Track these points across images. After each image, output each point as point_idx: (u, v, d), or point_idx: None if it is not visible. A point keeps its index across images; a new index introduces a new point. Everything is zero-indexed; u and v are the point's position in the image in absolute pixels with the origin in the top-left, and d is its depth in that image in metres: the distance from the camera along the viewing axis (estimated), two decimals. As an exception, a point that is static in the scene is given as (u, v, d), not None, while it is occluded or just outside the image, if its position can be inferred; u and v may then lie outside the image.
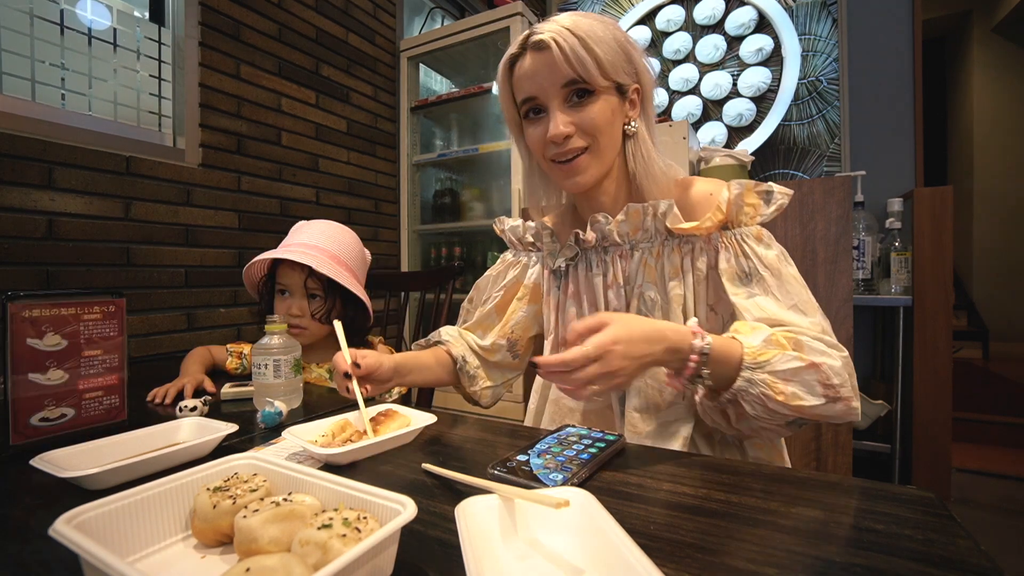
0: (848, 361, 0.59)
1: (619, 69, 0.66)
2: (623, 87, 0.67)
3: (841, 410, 0.58)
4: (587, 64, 0.63)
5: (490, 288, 0.90)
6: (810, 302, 0.64)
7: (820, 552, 0.36)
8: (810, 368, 0.56)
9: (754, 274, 0.65)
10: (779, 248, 0.68)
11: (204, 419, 0.64)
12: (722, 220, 0.68)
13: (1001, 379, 2.68)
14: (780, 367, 0.56)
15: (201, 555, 0.37)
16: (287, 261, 1.00)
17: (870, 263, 1.86)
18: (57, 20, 1.29)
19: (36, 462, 0.48)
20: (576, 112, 0.66)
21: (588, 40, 0.63)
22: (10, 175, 1.14)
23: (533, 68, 0.66)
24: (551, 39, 0.63)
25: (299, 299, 1.02)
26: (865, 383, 2.07)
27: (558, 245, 0.79)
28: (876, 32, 2.08)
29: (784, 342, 0.58)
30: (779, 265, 0.66)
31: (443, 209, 2.34)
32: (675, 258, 0.70)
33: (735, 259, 0.67)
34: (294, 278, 1.01)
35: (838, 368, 0.58)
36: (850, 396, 0.58)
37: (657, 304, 0.71)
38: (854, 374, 0.60)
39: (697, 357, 0.55)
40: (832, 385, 0.57)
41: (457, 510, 0.37)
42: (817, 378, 0.56)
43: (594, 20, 0.66)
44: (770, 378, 0.56)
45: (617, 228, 0.71)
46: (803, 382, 0.56)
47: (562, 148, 0.67)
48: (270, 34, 1.76)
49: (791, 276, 0.66)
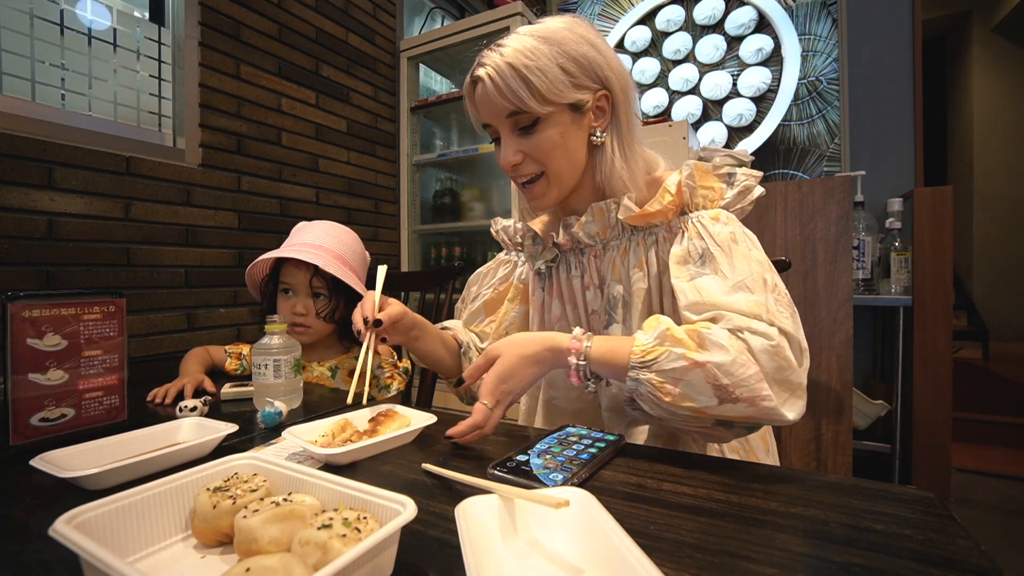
0: (771, 349, 0.53)
1: (564, 90, 0.64)
2: (578, 104, 0.66)
3: (749, 412, 0.52)
4: (521, 96, 0.63)
5: (479, 285, 0.92)
6: (758, 279, 0.59)
7: (820, 552, 0.36)
8: (693, 368, 0.52)
9: (706, 254, 0.63)
10: (739, 228, 0.65)
11: (204, 419, 0.64)
12: (676, 204, 0.66)
13: (1001, 379, 2.68)
14: (666, 367, 0.53)
15: (201, 555, 0.37)
16: (292, 261, 1.01)
17: (870, 263, 1.86)
18: (57, 20, 1.29)
19: (36, 462, 0.48)
20: (523, 140, 0.67)
21: (523, 70, 0.62)
22: (10, 175, 1.14)
23: (480, 99, 0.67)
24: (485, 74, 0.64)
25: (304, 298, 1.02)
26: (865, 383, 2.07)
27: (539, 247, 0.80)
28: (876, 32, 2.08)
29: (683, 336, 0.54)
30: (730, 242, 0.63)
31: (443, 209, 2.34)
32: (640, 251, 0.70)
33: (688, 242, 0.65)
34: (299, 277, 1.02)
35: (727, 365, 0.52)
36: (752, 396, 0.51)
37: (620, 300, 0.71)
38: (788, 363, 0.53)
39: (574, 367, 0.58)
40: (721, 385, 0.52)
41: (457, 510, 0.37)
42: (704, 378, 0.52)
43: (540, 41, 0.64)
44: (656, 378, 0.53)
45: (583, 229, 0.72)
46: (690, 383, 0.52)
47: (518, 173, 0.70)
48: (270, 34, 1.76)
49: (742, 253, 0.62)
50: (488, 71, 0.64)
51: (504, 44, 0.65)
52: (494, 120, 0.68)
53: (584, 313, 0.76)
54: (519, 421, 0.86)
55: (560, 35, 0.65)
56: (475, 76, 0.66)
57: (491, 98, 0.65)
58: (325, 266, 0.97)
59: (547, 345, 0.60)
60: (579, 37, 0.65)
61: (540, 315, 0.82)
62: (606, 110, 0.69)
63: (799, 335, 0.56)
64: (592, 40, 0.67)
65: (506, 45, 0.64)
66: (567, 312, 0.78)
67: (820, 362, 1.52)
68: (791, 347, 0.55)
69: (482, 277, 0.93)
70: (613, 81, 0.68)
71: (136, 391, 0.78)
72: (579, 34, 0.66)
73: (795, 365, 0.54)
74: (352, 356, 1.11)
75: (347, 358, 1.10)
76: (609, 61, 0.67)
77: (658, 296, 0.70)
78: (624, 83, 0.69)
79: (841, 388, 1.51)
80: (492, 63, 0.64)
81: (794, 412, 0.53)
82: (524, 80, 0.62)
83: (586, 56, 0.65)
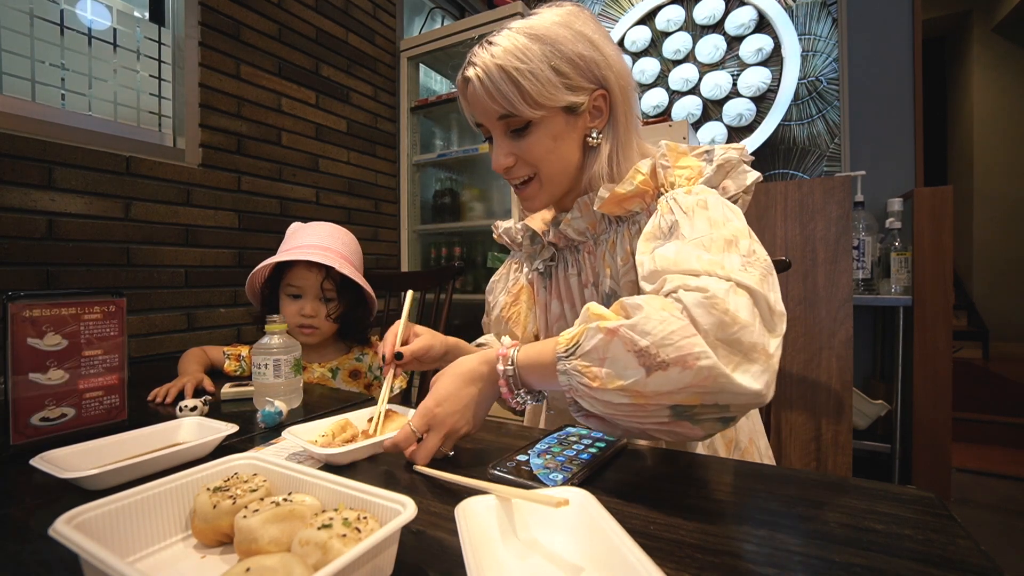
0: (705, 301, 0.43)
1: (557, 93, 0.61)
2: (572, 106, 0.63)
3: (687, 379, 0.42)
4: (512, 100, 0.60)
5: (495, 294, 0.91)
6: (718, 239, 0.52)
7: (820, 552, 0.36)
8: (610, 337, 0.45)
9: (673, 226, 0.57)
10: (713, 197, 0.59)
11: (204, 419, 0.64)
12: (649, 186, 0.64)
13: (1001, 379, 2.68)
14: (587, 346, 0.47)
15: (201, 555, 0.37)
16: (302, 263, 1.00)
17: (870, 263, 1.86)
18: (57, 20, 1.29)
19: (36, 462, 0.48)
20: (515, 142, 0.65)
21: (514, 73, 0.59)
22: (10, 175, 1.14)
23: (472, 99, 0.65)
24: (474, 75, 0.61)
25: (312, 300, 1.01)
26: (865, 383, 2.07)
27: (538, 247, 0.78)
28: (876, 32, 2.08)
29: (603, 311, 0.48)
30: (695, 207, 0.57)
31: (443, 209, 2.34)
32: (625, 243, 0.67)
33: (659, 219, 0.60)
34: (310, 280, 1.01)
35: (640, 323, 0.44)
36: (682, 355, 0.42)
37: (613, 295, 0.68)
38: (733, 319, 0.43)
39: (503, 379, 0.54)
40: (641, 349, 0.43)
41: (457, 510, 0.37)
42: (623, 346, 0.44)
43: (532, 39, 0.60)
44: (581, 363, 0.47)
45: (571, 225, 0.70)
46: (613, 358, 0.45)
47: (510, 175, 0.68)
48: (270, 34, 1.76)
49: (705, 216, 0.56)
50: (478, 72, 0.61)
51: (495, 43, 0.62)
52: (486, 121, 0.66)
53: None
54: (524, 422, 0.86)
55: (554, 33, 0.61)
56: (466, 75, 0.64)
57: (481, 100, 0.63)
58: (340, 268, 0.96)
59: (482, 359, 0.56)
60: (576, 34, 0.62)
61: (544, 315, 0.80)
62: (604, 110, 0.66)
63: (768, 294, 0.47)
64: (590, 36, 0.63)
65: (496, 44, 0.61)
66: (566, 311, 0.76)
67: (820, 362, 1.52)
68: (756, 304, 0.46)
69: (496, 285, 0.91)
70: (612, 80, 0.65)
71: (136, 391, 0.78)
72: (576, 31, 0.62)
73: (744, 321, 0.43)
74: (352, 357, 1.11)
75: (348, 359, 1.10)
76: (608, 59, 0.64)
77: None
78: (624, 82, 0.66)
79: (841, 388, 1.51)
80: (482, 64, 0.61)
81: (750, 378, 0.42)
82: (514, 83, 0.60)
83: (583, 56, 0.62)
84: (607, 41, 0.65)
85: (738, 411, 0.44)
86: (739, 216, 0.58)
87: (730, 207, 0.59)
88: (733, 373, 0.42)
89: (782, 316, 0.47)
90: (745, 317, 0.44)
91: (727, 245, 0.51)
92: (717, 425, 0.45)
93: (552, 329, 0.78)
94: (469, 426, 0.55)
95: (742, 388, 0.42)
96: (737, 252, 0.51)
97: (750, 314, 0.44)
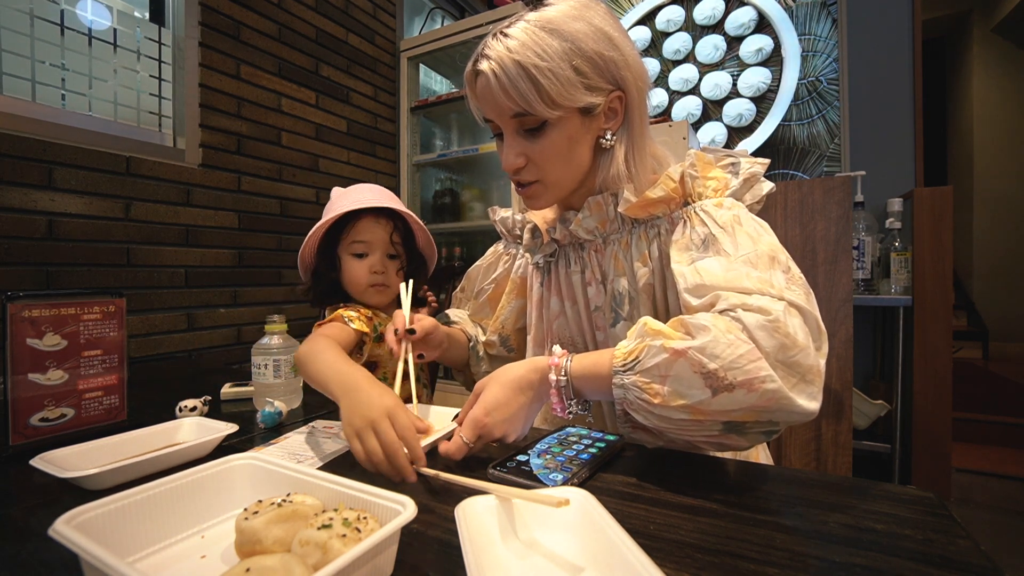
0: (768, 324, 0.46)
1: (576, 93, 0.58)
2: (589, 107, 0.60)
3: (750, 400, 0.45)
4: (529, 98, 0.57)
5: (481, 279, 0.91)
6: (763, 256, 0.54)
7: (820, 552, 0.36)
8: (676, 357, 0.47)
9: (708, 239, 0.58)
10: (745, 212, 0.60)
11: (204, 419, 0.64)
12: (678, 193, 0.63)
13: (1001, 379, 2.68)
14: (649, 363, 0.48)
15: (201, 555, 0.37)
16: (368, 217, 0.90)
17: (870, 263, 1.86)
18: (57, 20, 1.29)
19: (36, 462, 0.48)
20: (528, 143, 0.62)
21: (532, 70, 0.56)
22: (10, 175, 1.14)
23: (483, 93, 0.62)
24: (489, 69, 0.58)
25: (381, 256, 0.91)
26: (865, 383, 2.07)
27: (538, 241, 0.77)
28: (876, 32, 2.08)
29: (662, 328, 0.50)
30: (734, 223, 0.58)
31: (443, 209, 2.34)
32: (642, 245, 0.66)
33: (690, 230, 0.60)
34: (378, 233, 0.90)
35: (710, 346, 0.46)
36: (749, 379, 0.44)
37: (627, 296, 0.67)
38: (793, 342, 0.46)
39: (555, 388, 0.55)
40: (709, 372, 0.45)
41: (457, 510, 0.37)
42: (690, 367, 0.46)
43: (551, 35, 0.57)
44: (640, 379, 0.49)
45: (581, 225, 0.68)
46: (677, 377, 0.47)
47: (519, 177, 0.66)
48: (270, 34, 1.76)
49: (746, 232, 0.57)
50: (493, 66, 0.58)
51: (511, 35, 0.58)
52: (496, 118, 0.63)
53: (585, 310, 0.72)
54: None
55: (574, 28, 0.58)
56: (478, 68, 0.60)
57: (495, 95, 0.59)
58: (407, 217, 0.91)
59: (531, 367, 0.57)
60: (596, 31, 0.59)
61: (539, 311, 0.79)
62: (619, 111, 0.64)
63: (815, 312, 0.50)
64: (610, 34, 0.60)
65: (513, 37, 0.58)
66: (566, 308, 0.75)
67: (820, 362, 1.52)
68: (806, 323, 0.49)
69: (483, 271, 0.92)
70: (629, 81, 0.62)
71: (136, 391, 0.78)
72: (596, 27, 0.59)
73: (803, 344, 0.46)
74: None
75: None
76: (627, 58, 0.61)
77: (662, 291, 0.66)
78: (641, 82, 0.64)
79: (841, 388, 1.50)
80: (497, 57, 0.58)
81: (807, 399, 0.45)
82: (533, 81, 0.57)
83: (602, 55, 0.59)
84: (626, 38, 0.63)
85: (785, 426, 0.48)
86: (768, 229, 0.60)
87: (759, 221, 0.60)
88: (792, 394, 0.45)
89: (825, 334, 0.51)
90: (802, 340, 0.47)
91: (771, 262, 0.54)
92: (761, 437, 0.49)
93: (551, 325, 0.77)
94: (517, 434, 0.56)
95: (800, 408, 0.45)
96: (779, 268, 0.54)
97: (805, 336, 0.48)
